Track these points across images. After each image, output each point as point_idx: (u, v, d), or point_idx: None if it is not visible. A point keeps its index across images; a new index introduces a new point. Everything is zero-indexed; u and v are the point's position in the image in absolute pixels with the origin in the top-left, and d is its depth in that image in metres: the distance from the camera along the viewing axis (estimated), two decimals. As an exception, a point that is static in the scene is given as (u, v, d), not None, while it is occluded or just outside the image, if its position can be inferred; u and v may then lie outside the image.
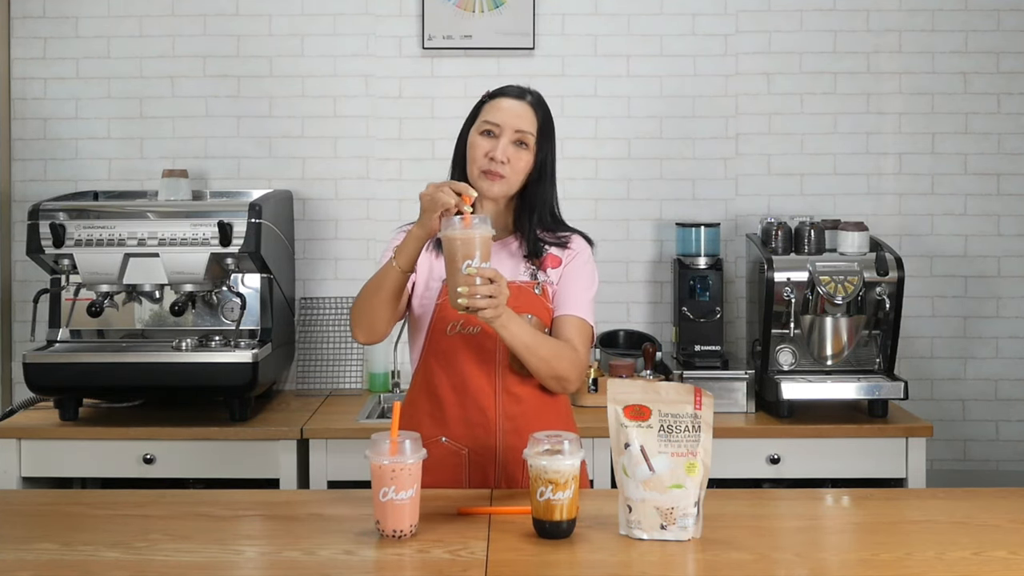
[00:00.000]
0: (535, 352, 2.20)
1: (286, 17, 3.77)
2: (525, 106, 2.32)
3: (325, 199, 3.79)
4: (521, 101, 2.32)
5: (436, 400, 2.30)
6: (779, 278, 3.32)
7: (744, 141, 3.79)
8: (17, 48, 3.76)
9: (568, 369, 2.26)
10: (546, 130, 2.33)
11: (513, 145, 2.28)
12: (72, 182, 3.76)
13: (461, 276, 2.03)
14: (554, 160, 2.37)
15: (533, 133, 2.30)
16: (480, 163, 2.28)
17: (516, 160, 2.28)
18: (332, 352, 3.72)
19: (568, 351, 2.27)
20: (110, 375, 3.19)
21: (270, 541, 1.97)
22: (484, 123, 2.30)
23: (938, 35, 3.76)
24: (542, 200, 2.35)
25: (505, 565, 1.81)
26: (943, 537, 1.96)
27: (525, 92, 2.35)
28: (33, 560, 1.83)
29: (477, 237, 2.03)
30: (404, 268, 2.18)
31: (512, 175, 2.28)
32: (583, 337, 2.31)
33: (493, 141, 2.28)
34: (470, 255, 2.03)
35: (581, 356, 2.30)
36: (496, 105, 2.32)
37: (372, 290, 2.22)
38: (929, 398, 3.77)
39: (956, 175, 3.78)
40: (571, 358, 2.27)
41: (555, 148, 2.37)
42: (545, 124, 2.33)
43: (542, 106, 2.35)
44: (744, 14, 3.77)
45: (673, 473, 1.91)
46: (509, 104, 2.31)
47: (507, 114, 2.29)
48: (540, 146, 2.32)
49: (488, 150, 2.28)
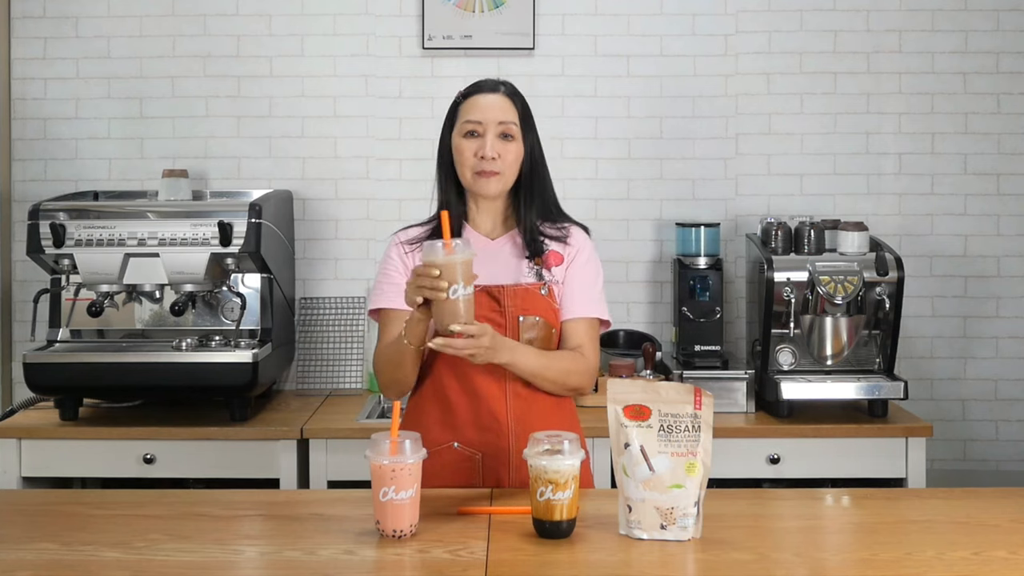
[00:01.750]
0: (543, 376, 2.24)
1: (286, 17, 3.77)
2: (502, 98, 2.31)
3: (325, 199, 3.79)
4: (497, 94, 2.31)
5: (447, 405, 2.29)
6: (779, 278, 3.32)
7: (744, 141, 3.79)
8: (17, 48, 3.77)
9: (579, 381, 2.29)
10: (527, 118, 2.33)
11: (500, 139, 2.27)
12: (72, 182, 3.76)
13: (447, 303, 2.02)
14: (541, 147, 2.36)
15: (516, 123, 2.29)
16: (471, 165, 2.27)
17: (506, 153, 2.27)
18: (332, 352, 3.72)
19: (577, 364, 2.28)
20: (110, 375, 3.19)
21: (270, 541, 1.97)
22: (466, 124, 2.29)
23: (938, 35, 3.76)
24: (540, 188, 2.34)
25: (505, 565, 1.80)
26: (943, 537, 1.95)
27: (498, 84, 2.34)
28: (33, 560, 1.83)
29: (459, 263, 2.01)
30: (415, 345, 2.19)
31: (506, 169, 2.28)
32: (593, 340, 2.32)
33: (479, 140, 2.27)
34: (453, 281, 2.01)
35: (591, 363, 2.31)
36: (473, 103, 2.30)
37: (393, 365, 2.24)
38: (929, 398, 3.77)
39: (956, 175, 3.78)
40: (581, 371, 2.28)
41: (538, 135, 2.36)
42: (524, 112, 2.33)
43: (518, 95, 2.34)
44: (744, 14, 3.77)
45: (673, 473, 1.91)
46: (486, 99, 2.30)
47: (487, 110, 2.28)
48: (525, 135, 2.31)
49: (476, 150, 2.27)
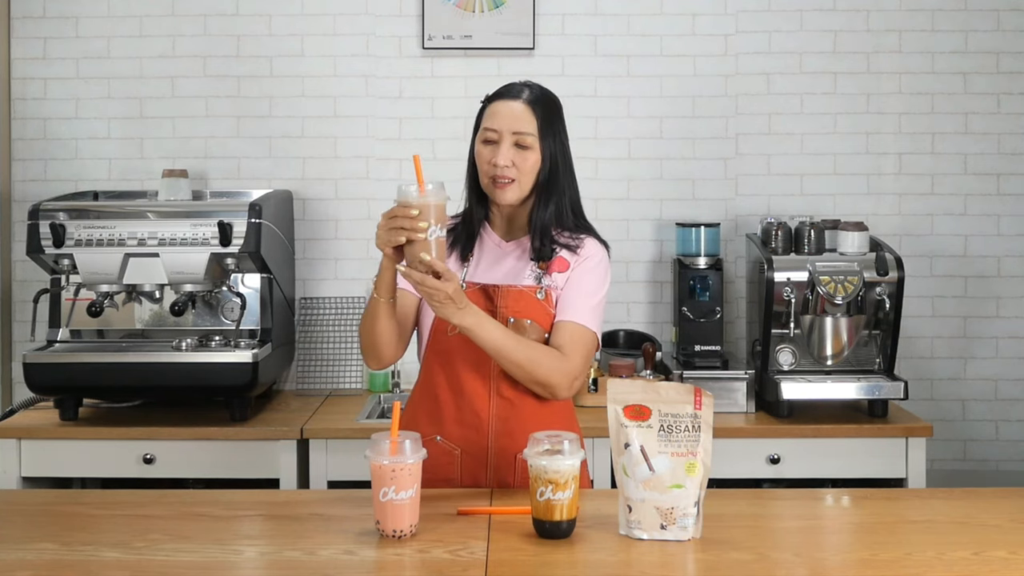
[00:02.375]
0: (507, 356, 2.18)
1: (286, 17, 3.77)
2: (522, 105, 2.26)
3: (325, 199, 3.79)
4: (518, 101, 2.27)
5: (434, 399, 2.30)
6: (779, 278, 3.32)
7: (744, 141, 3.79)
8: (17, 48, 3.77)
9: (548, 375, 2.21)
10: (549, 125, 2.28)
11: (515, 148, 2.24)
12: (72, 182, 3.76)
13: (420, 244, 2.03)
14: (565, 153, 2.31)
15: (533, 132, 2.25)
16: (487, 172, 2.26)
17: (521, 162, 2.24)
18: (332, 352, 3.72)
19: (550, 357, 2.22)
20: (110, 375, 3.19)
21: (270, 541, 1.97)
22: (485, 131, 2.27)
23: (938, 35, 3.76)
24: (558, 194, 2.29)
25: (505, 565, 1.81)
26: (943, 537, 1.96)
27: (523, 90, 2.30)
28: (33, 560, 1.83)
29: (432, 205, 2.03)
30: (385, 296, 2.18)
31: (521, 177, 2.25)
32: (577, 344, 2.24)
33: (495, 147, 2.25)
34: (427, 221, 2.02)
35: (570, 363, 2.23)
36: (493, 110, 2.28)
37: (367, 322, 2.23)
38: (929, 398, 3.77)
39: (956, 175, 3.78)
40: (551, 364, 2.21)
41: (565, 140, 2.31)
42: (547, 119, 2.27)
43: (541, 101, 2.29)
44: (744, 14, 3.77)
45: (673, 473, 1.91)
46: (505, 107, 2.27)
47: (504, 118, 2.25)
48: (544, 142, 2.26)
49: (491, 158, 2.25)
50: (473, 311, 2.14)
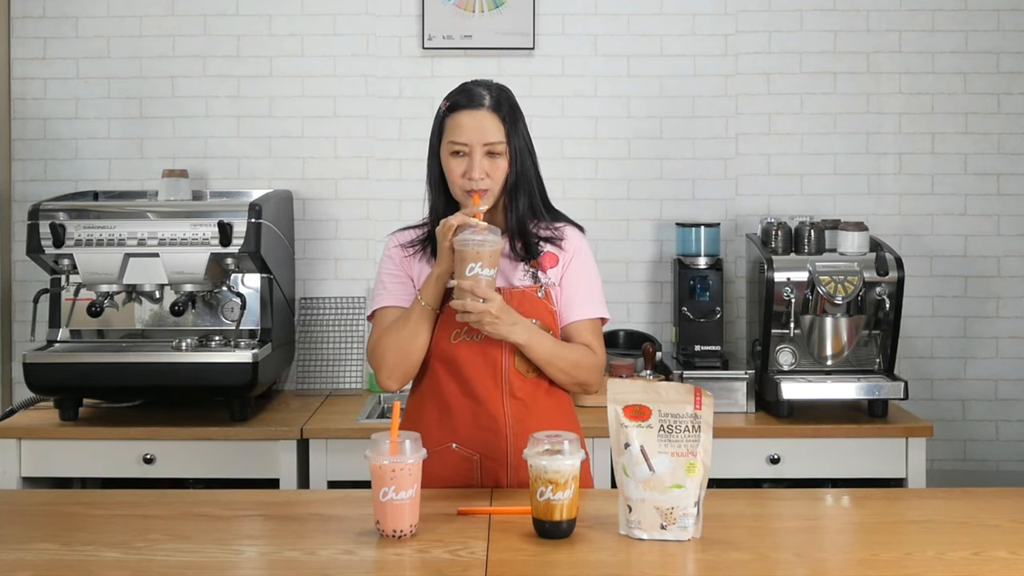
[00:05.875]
0: (556, 364, 2.26)
1: (286, 17, 3.77)
2: (486, 114, 2.24)
3: (325, 199, 3.79)
4: (482, 109, 2.24)
5: (445, 406, 2.29)
6: (779, 278, 3.32)
7: (744, 141, 3.79)
8: (17, 48, 3.76)
9: (588, 375, 2.31)
10: (514, 125, 2.27)
11: (487, 158, 2.24)
12: (72, 182, 3.76)
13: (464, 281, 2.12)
14: (530, 147, 2.31)
15: (502, 140, 2.24)
16: (460, 184, 2.25)
17: (494, 170, 2.25)
18: (332, 352, 3.72)
19: (588, 358, 2.30)
20: (110, 375, 3.19)
21: (270, 541, 1.97)
22: (451, 144, 2.25)
23: (938, 35, 3.76)
24: (527, 189, 2.29)
25: (505, 565, 1.81)
26: (943, 537, 1.96)
27: (483, 95, 2.26)
28: (33, 560, 1.83)
29: (487, 250, 2.12)
30: (433, 306, 2.23)
31: (495, 185, 2.26)
32: (599, 338, 2.35)
33: (466, 160, 2.24)
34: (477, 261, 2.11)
35: (600, 359, 2.34)
36: (456, 123, 2.25)
37: (406, 335, 2.24)
38: (929, 398, 3.77)
39: (956, 175, 3.78)
40: (590, 365, 2.30)
41: (526, 132, 2.30)
42: (511, 120, 2.26)
43: (503, 104, 2.27)
44: (744, 14, 3.77)
45: (673, 473, 1.91)
46: (470, 118, 2.24)
47: (472, 131, 2.23)
48: (512, 145, 2.26)
49: (464, 171, 2.24)
50: (526, 326, 2.20)
